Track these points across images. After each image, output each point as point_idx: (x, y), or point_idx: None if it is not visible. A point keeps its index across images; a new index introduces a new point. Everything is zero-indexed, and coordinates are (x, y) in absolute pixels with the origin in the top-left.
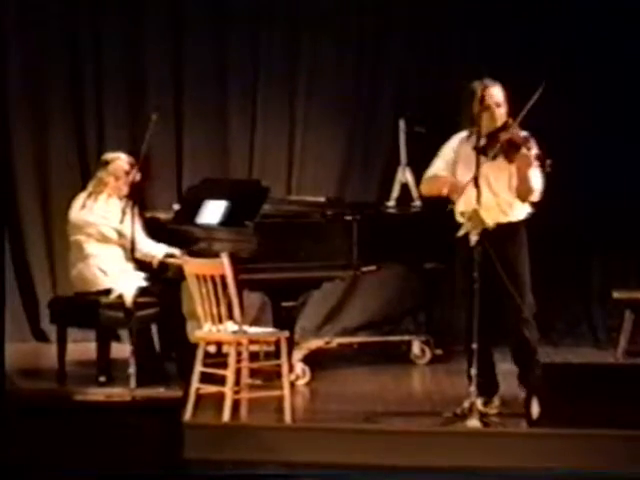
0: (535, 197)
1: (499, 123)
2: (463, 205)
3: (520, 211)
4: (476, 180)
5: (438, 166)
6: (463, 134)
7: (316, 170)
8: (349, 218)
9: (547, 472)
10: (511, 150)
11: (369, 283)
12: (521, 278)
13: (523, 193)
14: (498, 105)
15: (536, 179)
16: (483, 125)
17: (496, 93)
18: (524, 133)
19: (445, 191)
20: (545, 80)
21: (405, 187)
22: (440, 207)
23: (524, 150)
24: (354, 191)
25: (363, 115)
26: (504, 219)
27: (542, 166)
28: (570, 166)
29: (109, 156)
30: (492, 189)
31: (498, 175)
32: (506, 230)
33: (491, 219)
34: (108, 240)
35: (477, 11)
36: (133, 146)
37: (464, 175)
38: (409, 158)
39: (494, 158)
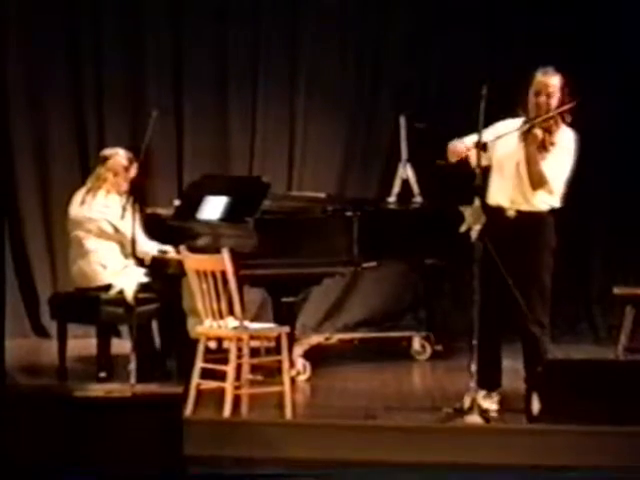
0: (549, 191)
1: (543, 112)
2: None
3: (542, 202)
4: (483, 175)
5: (490, 131)
6: (520, 121)
7: (316, 166)
8: (350, 214)
9: (547, 468)
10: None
11: (369, 279)
12: (537, 274)
13: (532, 179)
14: (548, 95)
15: (549, 170)
16: (530, 109)
17: (551, 83)
18: (563, 128)
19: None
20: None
21: (406, 183)
22: (441, 204)
23: (537, 131)
24: (354, 187)
25: (363, 111)
26: (525, 207)
27: (544, 148)
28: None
29: (107, 152)
30: (519, 174)
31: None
32: (528, 220)
33: (512, 205)
34: (107, 236)
35: (477, 8)
36: (133, 142)
37: (498, 151)
38: (409, 154)
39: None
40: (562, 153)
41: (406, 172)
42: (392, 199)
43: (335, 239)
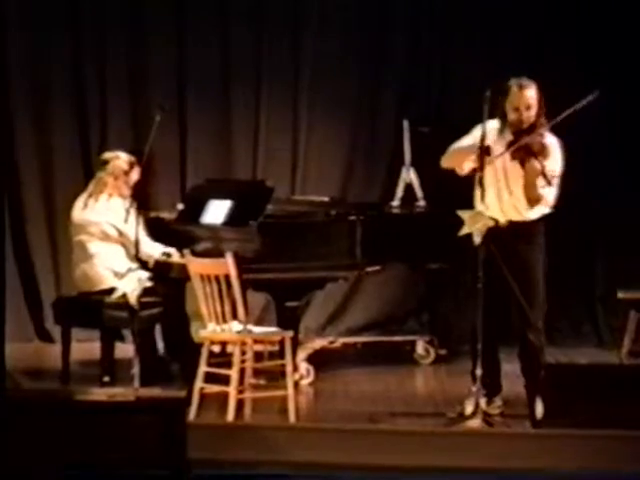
0: (545, 206)
1: (525, 125)
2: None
3: (535, 213)
4: (481, 180)
5: (467, 141)
6: (498, 123)
7: (320, 170)
8: (353, 218)
9: (551, 472)
10: (525, 154)
11: (373, 283)
12: (533, 279)
13: (530, 199)
14: (527, 108)
15: (547, 191)
16: (510, 124)
17: (529, 95)
18: (549, 140)
19: (471, 159)
20: (599, 91)
21: (409, 187)
22: (445, 207)
23: (533, 159)
24: (358, 191)
25: (367, 115)
26: (517, 217)
27: (546, 181)
28: (574, 166)
29: (107, 156)
30: (509, 186)
31: (517, 173)
32: (520, 229)
33: (504, 217)
34: (110, 239)
35: (481, 10)
36: (137, 145)
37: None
38: (413, 158)
39: (512, 157)
40: (552, 164)
41: (409, 176)
42: (395, 203)
43: (338, 243)
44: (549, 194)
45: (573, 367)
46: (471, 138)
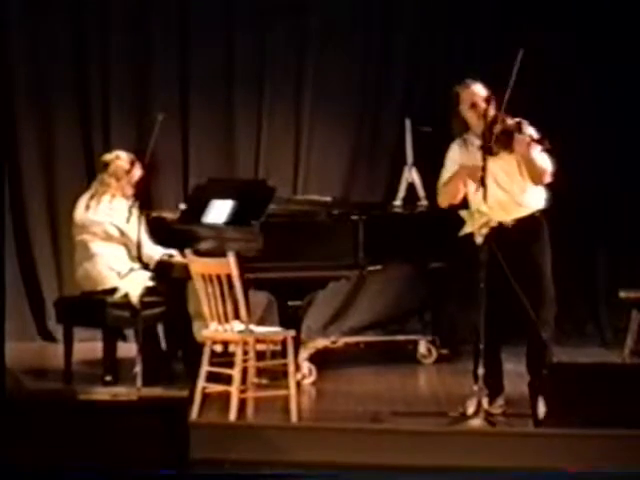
0: (548, 176)
1: (489, 119)
2: (471, 204)
3: (537, 200)
4: (483, 180)
5: (449, 168)
6: (458, 141)
7: (322, 170)
8: (355, 218)
9: (553, 472)
10: (507, 139)
11: (375, 283)
12: (545, 276)
13: (536, 176)
14: (483, 100)
15: (543, 159)
16: (474, 125)
17: (478, 90)
18: (515, 119)
19: (463, 183)
20: (523, 49)
21: (411, 187)
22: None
23: (517, 134)
24: (360, 190)
25: (369, 115)
26: (523, 212)
27: (542, 145)
28: (577, 163)
29: (108, 157)
30: (502, 187)
31: (508, 171)
32: (527, 224)
33: (508, 215)
34: (112, 239)
35: (484, 11)
36: (140, 146)
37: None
38: (415, 158)
39: (497, 154)
40: (534, 132)
41: (412, 176)
42: (398, 203)
43: (340, 242)
44: (546, 160)
45: (576, 367)
46: (451, 163)
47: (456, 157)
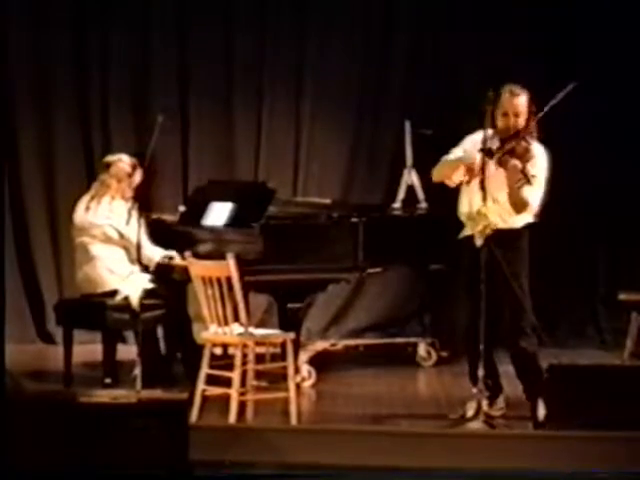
0: (530, 211)
1: (512, 132)
2: (467, 206)
3: (519, 219)
4: (482, 182)
5: (456, 153)
6: (489, 132)
7: (322, 172)
8: (355, 220)
9: (553, 474)
10: (508, 158)
11: (375, 285)
12: (520, 286)
13: (515, 204)
14: (516, 114)
15: (530, 193)
16: (500, 130)
17: (519, 103)
18: (535, 147)
19: (460, 171)
20: (574, 85)
21: (411, 189)
22: (446, 209)
23: (514, 159)
24: (360, 193)
25: (369, 117)
26: (502, 225)
27: (526, 179)
28: (576, 166)
29: (110, 158)
30: (493, 195)
31: (500, 180)
32: (505, 236)
33: (491, 226)
34: (112, 241)
35: (485, 12)
36: (139, 148)
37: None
38: (415, 160)
39: (498, 163)
40: (534, 169)
41: (411, 178)
42: (397, 205)
43: (340, 245)
44: (532, 196)
45: (575, 368)
46: (460, 150)
47: (473, 144)
